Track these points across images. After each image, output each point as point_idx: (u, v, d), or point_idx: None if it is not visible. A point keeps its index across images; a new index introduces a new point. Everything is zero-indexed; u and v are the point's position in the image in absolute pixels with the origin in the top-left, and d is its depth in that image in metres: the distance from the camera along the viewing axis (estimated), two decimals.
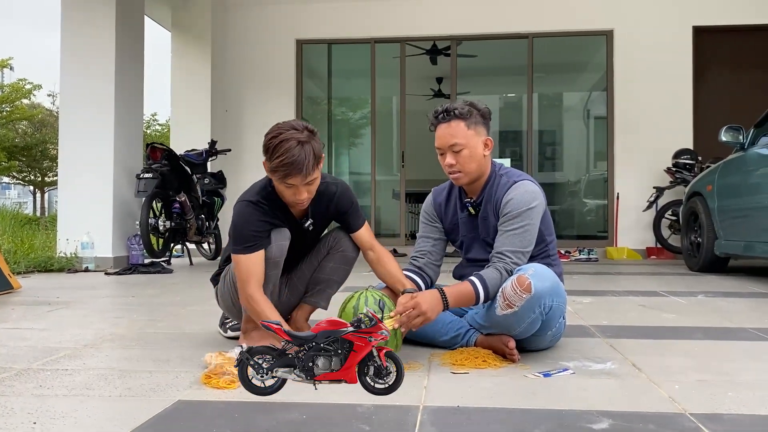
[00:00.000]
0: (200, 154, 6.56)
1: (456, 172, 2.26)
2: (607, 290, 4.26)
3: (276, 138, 2.11)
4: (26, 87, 23.85)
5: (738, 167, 5.09)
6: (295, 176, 2.10)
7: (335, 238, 2.45)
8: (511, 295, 2.05)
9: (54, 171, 24.53)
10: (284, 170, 2.09)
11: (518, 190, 2.23)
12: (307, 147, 2.10)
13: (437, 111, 2.27)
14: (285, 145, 2.08)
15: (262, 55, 8.33)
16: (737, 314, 3.23)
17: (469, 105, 2.26)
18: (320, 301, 2.50)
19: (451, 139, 2.23)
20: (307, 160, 2.08)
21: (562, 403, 1.63)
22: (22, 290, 4.17)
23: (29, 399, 1.71)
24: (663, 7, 7.80)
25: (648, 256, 7.57)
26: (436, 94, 10.92)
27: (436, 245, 2.45)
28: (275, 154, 2.09)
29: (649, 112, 7.75)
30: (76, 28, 6.12)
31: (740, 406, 1.63)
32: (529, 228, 2.20)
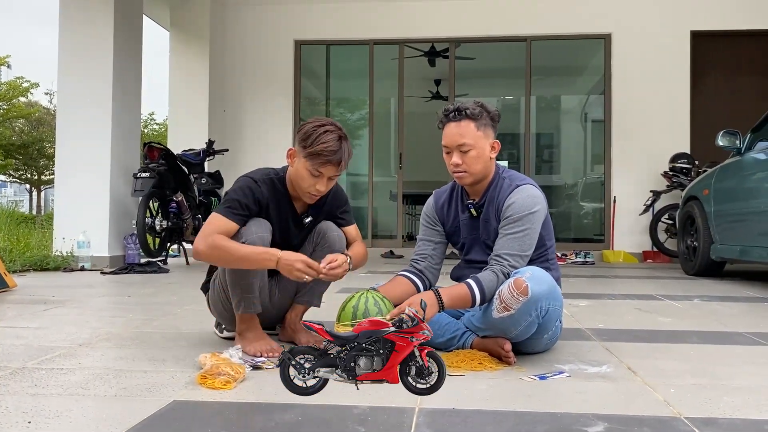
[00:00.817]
0: (198, 153, 6.55)
1: (461, 172, 2.26)
2: (603, 293, 4.27)
3: (321, 127, 2.21)
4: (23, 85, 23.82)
5: (734, 172, 5.10)
6: (331, 166, 2.20)
7: (319, 234, 2.43)
8: (508, 297, 2.05)
9: (50, 169, 24.49)
10: (325, 157, 2.18)
11: (521, 194, 2.23)
12: (345, 144, 2.24)
13: (448, 109, 2.28)
14: (330, 135, 2.19)
15: (260, 56, 8.33)
16: (733, 318, 3.24)
17: (480, 106, 2.26)
18: (313, 299, 2.50)
19: (460, 138, 2.23)
20: (346, 154, 2.23)
21: (557, 406, 1.63)
22: (17, 289, 4.16)
23: (24, 398, 1.71)
24: (661, 11, 7.82)
25: (644, 259, 7.58)
26: (434, 96, 10.92)
27: (437, 248, 2.45)
28: (319, 140, 2.18)
29: (646, 115, 7.77)
30: (74, 27, 6.11)
31: (735, 411, 1.63)
32: (529, 232, 2.20)
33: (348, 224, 2.48)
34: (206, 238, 2.17)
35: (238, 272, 2.25)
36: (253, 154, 8.01)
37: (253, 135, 8.20)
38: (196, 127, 7.70)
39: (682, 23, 7.77)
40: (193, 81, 7.85)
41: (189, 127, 7.75)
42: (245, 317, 2.30)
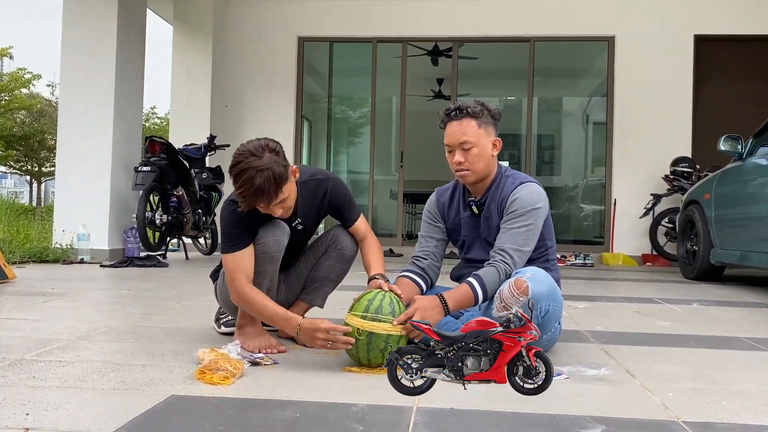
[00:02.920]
0: (199, 148, 6.55)
1: (464, 170, 2.27)
2: (602, 296, 4.27)
3: (236, 167, 2.08)
4: (25, 76, 23.81)
5: (736, 177, 5.10)
6: (260, 203, 2.11)
7: (333, 236, 2.45)
8: (508, 297, 2.05)
9: (51, 161, 24.49)
10: (247, 200, 2.09)
11: (525, 190, 2.26)
12: (267, 173, 2.03)
13: (449, 108, 2.29)
14: (243, 176, 2.04)
15: (263, 51, 8.32)
16: (732, 323, 3.24)
17: (481, 105, 2.28)
18: (316, 298, 2.50)
19: (461, 136, 2.24)
20: (267, 187, 2.04)
21: (555, 408, 1.63)
22: (16, 280, 4.16)
23: (22, 390, 1.71)
24: (665, 14, 7.81)
25: (643, 262, 7.58)
26: (436, 95, 10.92)
27: (438, 246, 2.46)
28: (236, 184, 2.08)
29: (648, 119, 7.76)
30: (77, 19, 6.10)
31: (733, 415, 1.63)
32: (532, 228, 2.22)
33: (353, 220, 2.43)
34: (237, 288, 2.18)
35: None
36: None
37: (255, 131, 8.16)
38: (197, 122, 7.70)
39: (686, 27, 7.77)
40: (195, 75, 7.84)
41: (190, 121, 7.75)
42: (246, 313, 2.30)
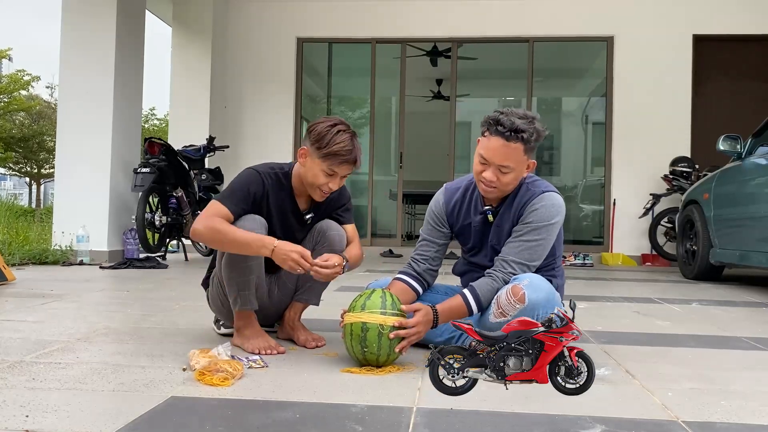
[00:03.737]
0: (198, 149, 6.55)
1: (492, 188, 2.16)
2: (601, 296, 4.27)
3: (334, 127, 2.22)
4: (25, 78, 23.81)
5: (735, 176, 5.10)
6: (347, 165, 2.23)
7: (319, 233, 2.41)
8: (505, 304, 2.05)
9: (50, 163, 24.48)
10: (341, 157, 2.20)
11: (546, 201, 2.18)
12: (357, 141, 2.26)
13: (503, 124, 2.08)
14: (344, 135, 2.21)
15: (262, 52, 8.32)
16: (731, 323, 3.24)
17: (535, 128, 2.10)
18: (311, 297, 2.49)
19: (504, 160, 2.09)
20: (360, 152, 2.26)
21: (555, 408, 1.63)
22: (16, 282, 4.16)
23: (22, 391, 1.71)
24: (664, 14, 7.82)
25: (643, 262, 7.58)
26: (435, 95, 10.92)
27: (439, 251, 2.38)
28: (334, 141, 2.19)
29: (647, 118, 7.76)
30: (76, 21, 6.10)
31: (732, 415, 1.64)
32: (543, 243, 2.18)
33: (347, 223, 2.47)
34: (205, 219, 2.20)
35: (236, 269, 2.24)
36: (253, 151, 8.00)
37: (254, 132, 8.20)
38: (197, 123, 7.69)
39: (685, 27, 7.77)
40: (194, 77, 7.84)
41: (190, 122, 7.74)
42: (243, 314, 2.31)
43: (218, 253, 2.35)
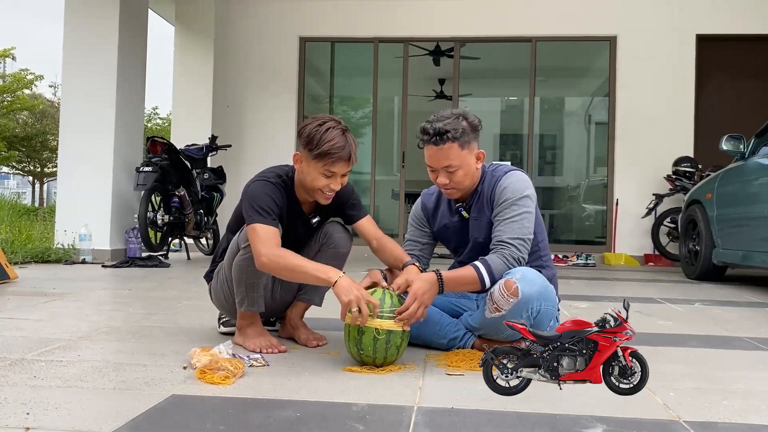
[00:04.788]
0: (200, 149, 6.55)
1: (450, 189, 2.25)
2: (603, 296, 4.26)
3: (322, 125, 2.15)
4: (28, 77, 23.85)
5: (738, 176, 5.09)
6: (341, 163, 2.15)
7: (326, 234, 2.41)
8: (499, 299, 2.05)
9: (53, 162, 24.51)
10: (334, 155, 2.12)
11: (511, 178, 2.23)
12: (350, 136, 2.18)
13: (428, 132, 2.18)
14: (333, 133, 2.14)
15: (265, 52, 8.33)
16: (733, 323, 3.23)
17: (461, 119, 2.18)
18: (314, 297, 2.49)
19: (445, 161, 2.18)
20: (354, 147, 2.18)
21: (556, 408, 1.63)
22: (18, 280, 4.16)
23: (23, 389, 1.71)
24: (667, 14, 7.80)
25: (645, 262, 7.57)
26: (438, 95, 10.92)
27: (423, 249, 2.46)
28: (324, 140, 2.12)
29: (650, 118, 7.75)
30: (79, 20, 6.11)
31: (734, 415, 1.63)
32: (525, 215, 2.18)
33: (360, 218, 2.40)
34: (268, 250, 2.08)
35: (245, 270, 2.23)
36: (255, 150, 8.02)
37: (257, 131, 8.20)
38: (199, 122, 7.70)
39: (688, 27, 7.75)
40: (197, 76, 7.85)
41: (192, 122, 7.75)
42: (247, 314, 2.30)
43: (228, 251, 2.34)
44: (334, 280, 2.01)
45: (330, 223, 2.43)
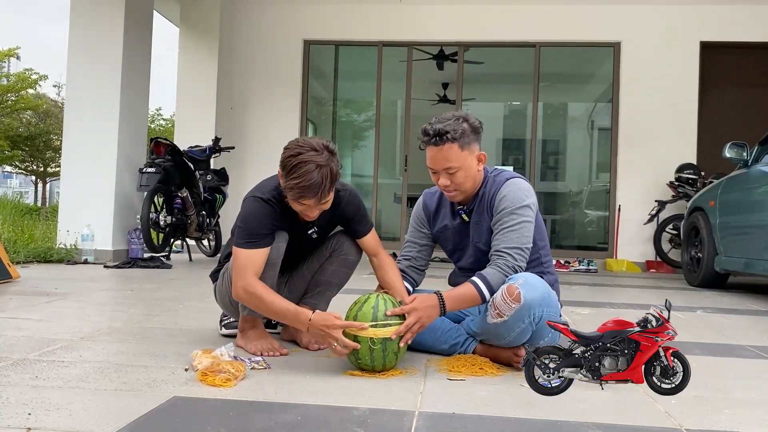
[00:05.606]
0: (204, 150, 6.56)
1: (452, 191, 2.26)
2: (605, 302, 4.26)
3: (295, 158, 2.06)
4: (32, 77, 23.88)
5: (741, 184, 5.08)
6: (309, 199, 2.08)
7: (338, 241, 2.44)
8: (501, 304, 2.04)
9: (56, 162, 24.54)
10: (299, 192, 2.07)
11: (511, 186, 2.23)
12: (325, 170, 2.05)
13: (428, 133, 2.20)
14: (303, 168, 2.04)
15: (269, 54, 8.34)
16: (735, 331, 3.23)
17: (462, 121, 2.19)
18: (320, 302, 2.49)
19: (445, 162, 2.19)
20: (323, 184, 2.06)
21: (557, 414, 1.63)
22: (20, 280, 4.17)
23: (25, 389, 1.71)
24: (671, 21, 7.81)
25: (647, 269, 7.56)
26: (441, 99, 10.92)
27: (422, 251, 2.47)
28: (292, 174, 2.06)
29: (653, 125, 7.75)
30: (84, 21, 6.12)
31: (736, 424, 1.63)
32: (524, 224, 2.18)
33: (364, 234, 2.41)
34: (245, 282, 2.10)
35: None
36: (259, 153, 8.02)
37: (260, 133, 8.21)
38: (202, 124, 7.72)
39: (692, 34, 7.76)
40: (201, 77, 7.87)
41: (196, 123, 7.77)
42: (249, 317, 2.30)
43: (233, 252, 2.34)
44: (309, 317, 2.03)
45: (342, 232, 2.44)
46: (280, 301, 2.11)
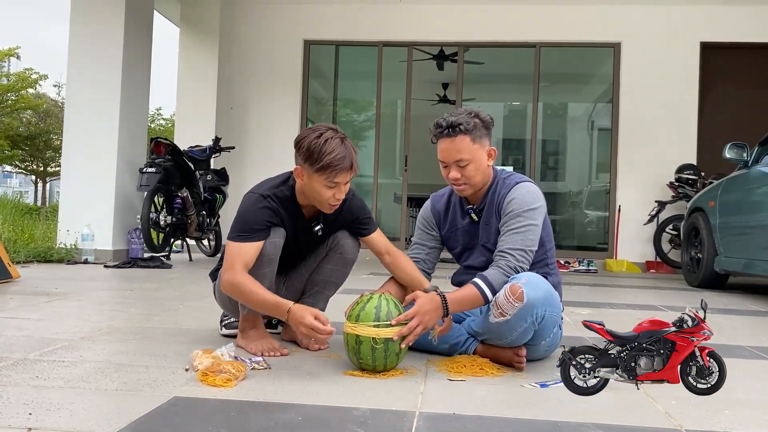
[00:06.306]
0: (204, 150, 6.56)
1: (461, 185, 2.26)
2: (605, 302, 4.26)
3: (320, 138, 2.12)
4: (32, 77, 23.87)
5: (741, 184, 5.08)
6: (343, 173, 2.13)
7: (334, 239, 2.43)
8: (504, 303, 2.05)
9: (56, 161, 24.54)
10: (337, 167, 2.10)
11: (520, 190, 2.24)
12: (348, 142, 2.16)
13: (441, 125, 2.23)
14: (332, 144, 2.11)
15: (269, 54, 8.34)
16: (735, 331, 3.23)
17: (473, 116, 2.23)
18: (318, 302, 2.49)
19: (456, 154, 2.21)
20: (354, 155, 2.15)
21: (558, 415, 1.63)
22: (21, 280, 4.17)
23: (25, 389, 1.71)
24: (671, 22, 7.81)
25: (647, 269, 7.56)
26: (441, 99, 10.92)
27: (430, 253, 2.47)
28: (324, 152, 2.09)
29: (653, 125, 7.76)
30: (85, 21, 6.13)
31: (736, 424, 1.63)
32: (532, 228, 2.19)
33: (371, 232, 2.42)
34: (231, 273, 2.12)
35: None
36: (259, 152, 8.03)
37: (260, 133, 8.21)
38: (203, 124, 7.72)
39: (692, 34, 7.76)
40: (201, 77, 7.87)
41: (196, 123, 7.77)
42: (249, 316, 2.30)
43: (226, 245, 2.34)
44: (288, 308, 2.05)
45: (341, 231, 2.43)
46: (263, 293, 2.11)
